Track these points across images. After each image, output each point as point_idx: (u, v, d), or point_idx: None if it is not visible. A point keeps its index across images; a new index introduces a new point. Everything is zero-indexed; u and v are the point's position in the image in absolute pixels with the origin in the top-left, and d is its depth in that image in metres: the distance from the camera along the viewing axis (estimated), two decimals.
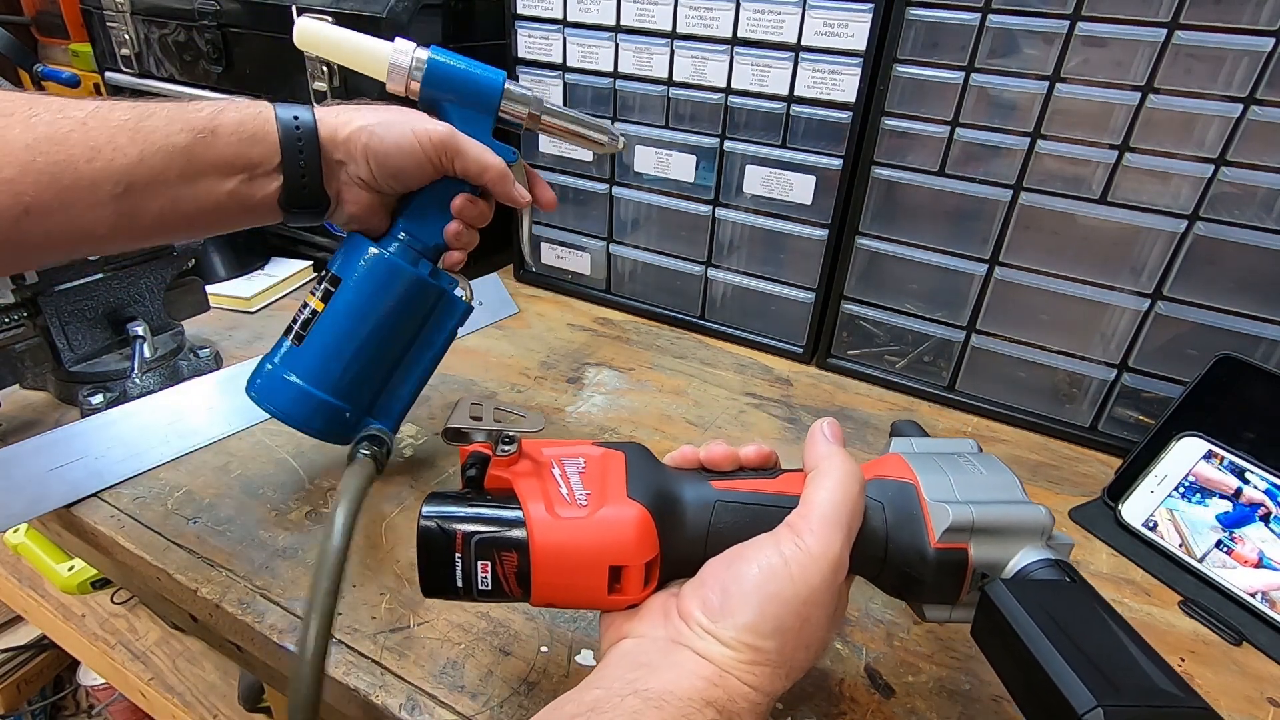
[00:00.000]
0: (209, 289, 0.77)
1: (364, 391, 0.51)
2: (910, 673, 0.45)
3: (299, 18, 0.51)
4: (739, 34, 0.71)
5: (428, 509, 0.34)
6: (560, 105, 0.56)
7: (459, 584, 0.34)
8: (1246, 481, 0.54)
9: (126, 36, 0.90)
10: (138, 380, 0.64)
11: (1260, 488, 0.53)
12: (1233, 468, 0.55)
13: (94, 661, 0.99)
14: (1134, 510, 0.57)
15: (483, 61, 0.52)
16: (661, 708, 0.28)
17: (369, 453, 0.47)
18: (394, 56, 0.49)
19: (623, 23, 0.76)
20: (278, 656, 0.45)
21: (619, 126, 0.80)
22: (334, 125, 0.47)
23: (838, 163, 0.71)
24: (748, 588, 0.31)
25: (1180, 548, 0.54)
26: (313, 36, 0.50)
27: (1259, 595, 0.50)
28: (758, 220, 0.77)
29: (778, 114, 0.72)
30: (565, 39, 0.80)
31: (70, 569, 0.99)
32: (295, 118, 0.45)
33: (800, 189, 0.73)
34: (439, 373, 0.56)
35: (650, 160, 0.80)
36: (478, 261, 0.68)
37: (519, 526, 0.34)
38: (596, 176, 0.85)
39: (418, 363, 0.54)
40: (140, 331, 0.65)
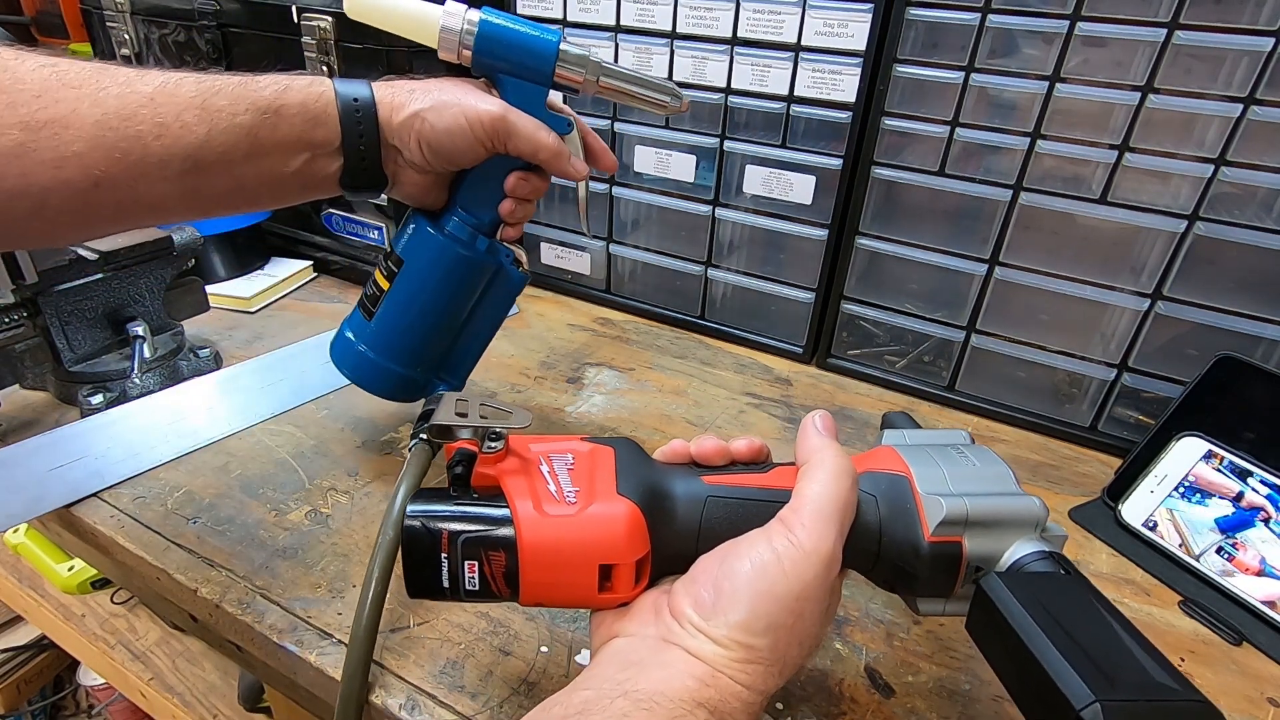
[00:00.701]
0: (209, 289, 0.77)
1: (429, 357, 0.55)
2: (910, 673, 0.45)
3: None
4: (739, 34, 0.71)
5: (412, 508, 0.34)
6: (617, 64, 0.52)
7: (445, 585, 0.34)
8: (1248, 484, 0.54)
9: (126, 36, 0.90)
10: (138, 380, 0.64)
11: (1262, 492, 0.53)
12: (1233, 468, 0.55)
13: (94, 661, 0.99)
14: (1134, 510, 0.57)
15: None
16: (652, 710, 0.28)
17: (426, 438, 0.47)
18: (445, 19, 0.48)
19: (623, 23, 0.76)
20: (277, 656, 0.45)
21: (619, 126, 0.80)
22: (390, 108, 0.47)
23: (838, 163, 0.71)
24: (740, 584, 0.31)
25: (1180, 548, 0.54)
26: (365, 5, 0.49)
27: (1267, 604, 0.50)
28: (758, 220, 0.77)
29: (778, 114, 0.72)
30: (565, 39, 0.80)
31: (70, 569, 0.99)
32: (355, 100, 0.45)
33: (800, 189, 0.73)
34: None
35: (650, 160, 0.80)
36: None
37: (506, 525, 0.33)
38: (596, 177, 0.85)
39: (481, 329, 0.58)
40: (140, 331, 0.65)
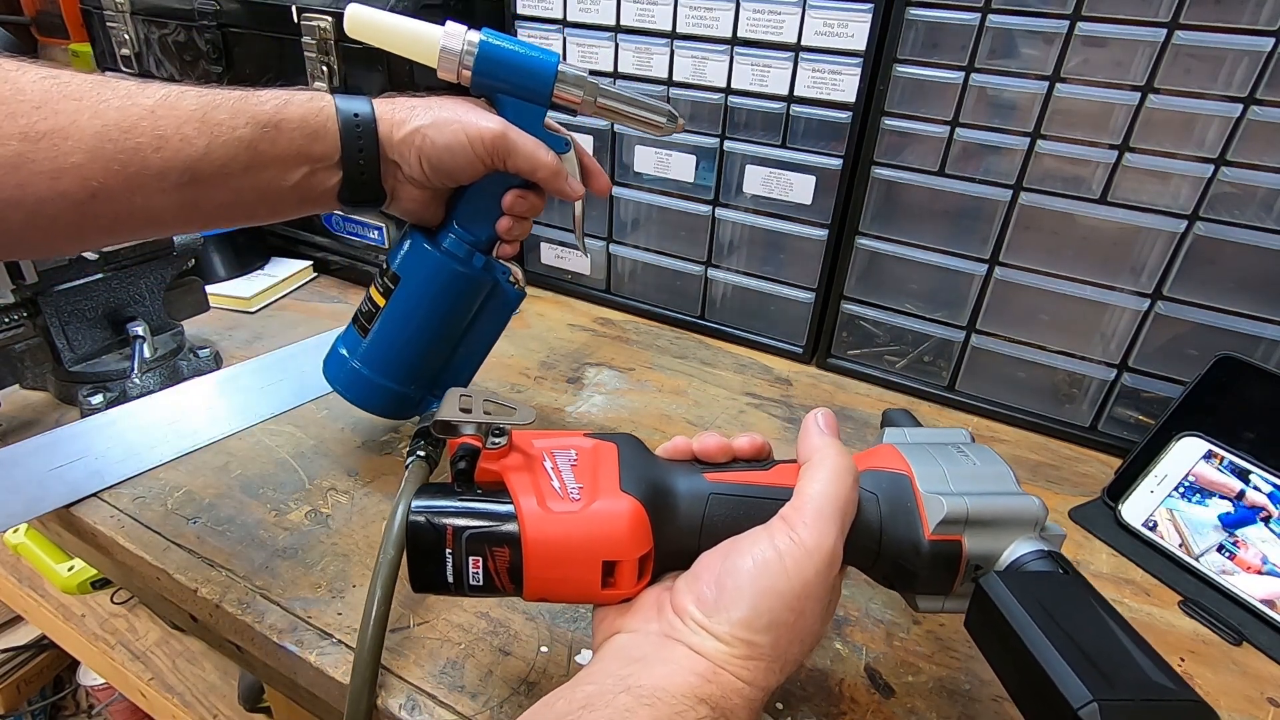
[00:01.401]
0: (209, 289, 0.77)
1: (424, 374, 0.55)
2: (910, 673, 0.45)
3: (349, 6, 0.50)
4: (739, 34, 0.71)
5: (416, 503, 0.34)
6: (613, 84, 0.53)
7: (449, 580, 0.34)
8: (1249, 483, 0.54)
9: (126, 36, 0.90)
10: (138, 380, 0.64)
11: (1263, 490, 0.53)
12: (1233, 468, 0.55)
13: (94, 661, 0.99)
14: (1134, 510, 0.57)
15: None
16: (654, 705, 0.28)
17: (424, 454, 0.49)
18: (445, 40, 0.48)
19: (623, 23, 0.76)
20: (277, 656, 0.45)
21: (620, 127, 0.80)
22: (390, 125, 0.47)
23: (838, 163, 0.71)
24: (742, 581, 0.31)
25: (1180, 548, 0.54)
26: (363, 24, 0.49)
27: (1267, 603, 0.50)
28: (758, 220, 0.77)
29: (778, 114, 0.72)
30: (565, 39, 0.80)
31: (70, 569, 0.99)
32: (355, 115, 0.46)
33: (800, 189, 0.73)
34: None
35: (650, 160, 0.80)
36: None
37: (510, 521, 0.33)
38: None
39: (476, 346, 0.57)
40: (140, 331, 0.65)
